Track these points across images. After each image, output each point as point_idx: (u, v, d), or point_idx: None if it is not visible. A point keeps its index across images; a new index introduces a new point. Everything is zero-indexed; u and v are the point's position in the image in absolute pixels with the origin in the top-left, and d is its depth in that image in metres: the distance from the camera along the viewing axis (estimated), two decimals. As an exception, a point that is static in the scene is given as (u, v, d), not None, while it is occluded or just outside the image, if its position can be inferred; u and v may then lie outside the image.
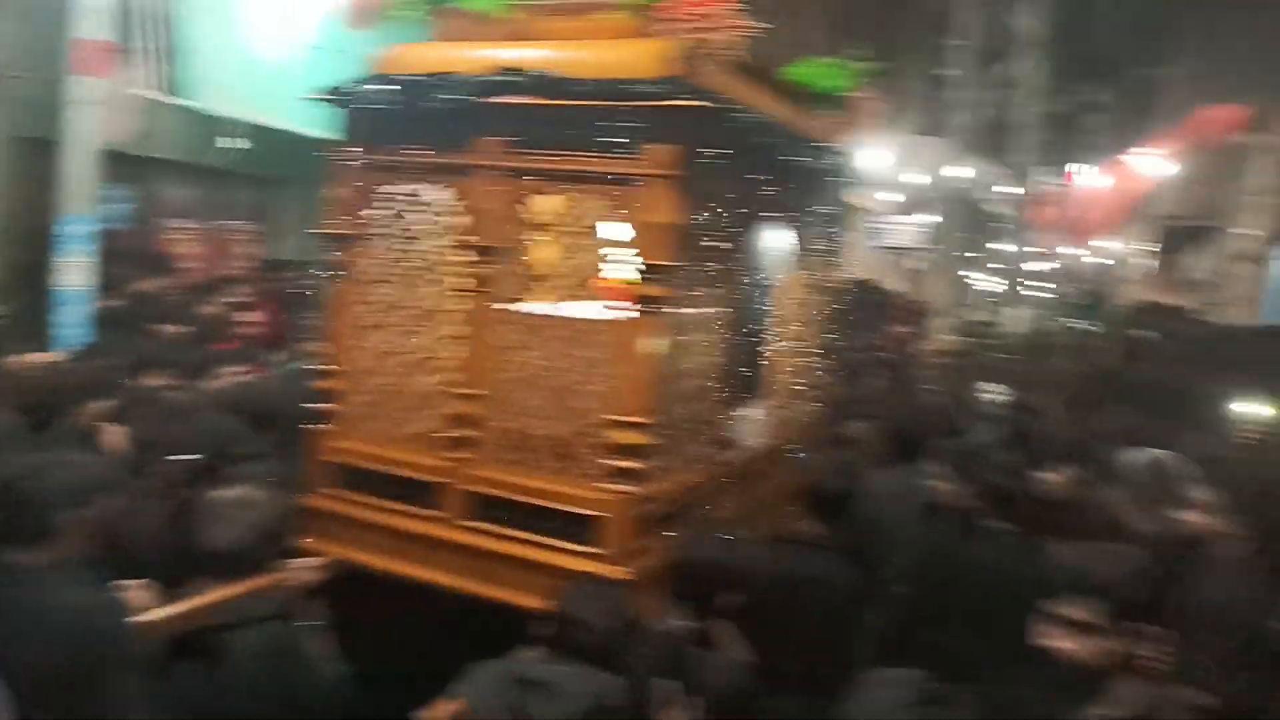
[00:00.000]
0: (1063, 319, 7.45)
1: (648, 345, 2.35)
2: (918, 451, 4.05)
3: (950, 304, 6.29)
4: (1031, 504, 3.52)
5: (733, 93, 2.53)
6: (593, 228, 2.42)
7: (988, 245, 6.91)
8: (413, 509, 2.65)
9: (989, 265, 6.74)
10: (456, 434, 2.59)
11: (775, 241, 3.29)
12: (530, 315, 2.51)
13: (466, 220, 2.52)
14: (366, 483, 2.73)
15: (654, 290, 2.32)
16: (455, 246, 2.56)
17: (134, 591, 2.27)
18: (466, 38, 2.63)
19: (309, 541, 2.75)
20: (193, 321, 5.42)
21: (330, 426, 2.77)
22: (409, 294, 2.67)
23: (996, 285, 6.10)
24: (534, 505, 2.51)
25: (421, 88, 2.46)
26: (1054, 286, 8.70)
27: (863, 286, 18.28)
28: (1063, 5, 6.45)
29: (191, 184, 7.23)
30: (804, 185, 3.01)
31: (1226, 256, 19.21)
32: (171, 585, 2.42)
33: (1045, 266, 9.69)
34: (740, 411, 3.50)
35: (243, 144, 5.86)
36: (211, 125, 6.24)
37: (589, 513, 2.44)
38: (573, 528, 2.46)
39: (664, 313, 2.36)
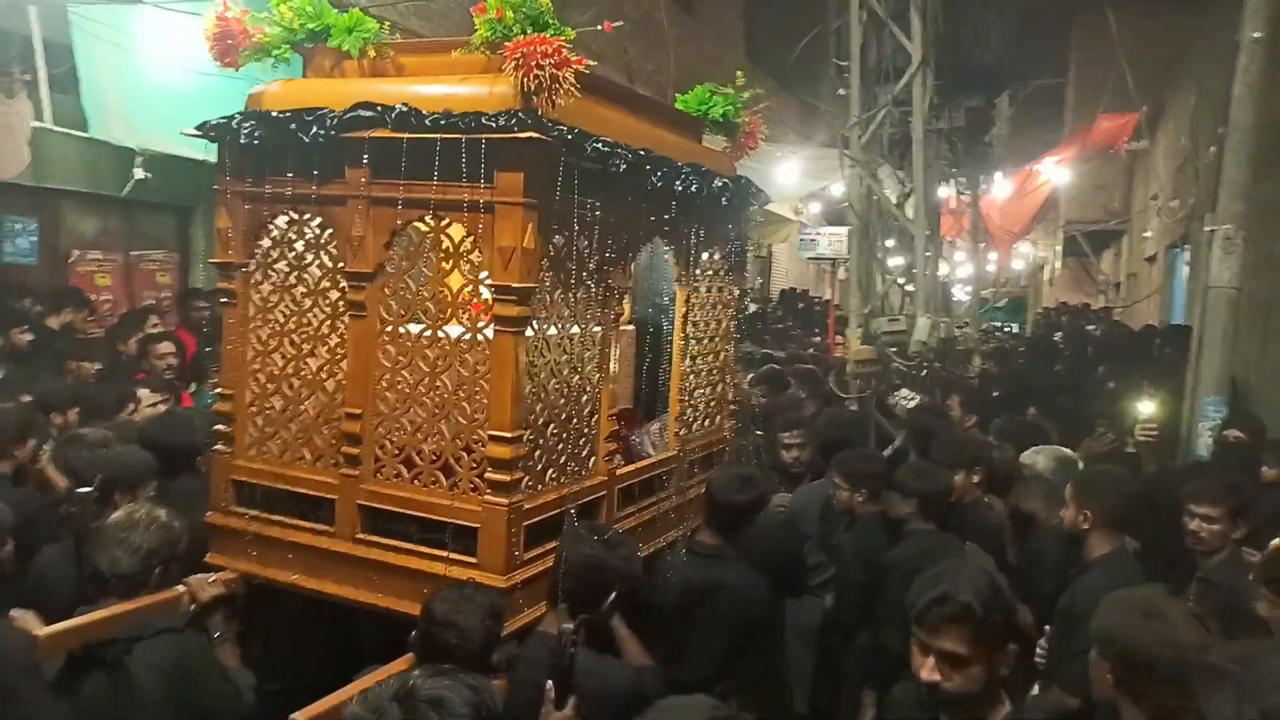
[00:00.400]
0: (976, 323, 7.62)
1: (509, 363, 2.48)
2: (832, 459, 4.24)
3: (864, 312, 6.42)
4: (941, 505, 3.68)
5: (594, 124, 2.67)
6: (460, 252, 2.54)
7: (898, 253, 7.10)
8: (308, 524, 2.79)
9: (900, 274, 6.88)
10: (347, 451, 2.72)
11: (666, 261, 3.45)
12: (405, 336, 2.64)
13: (339, 247, 2.65)
14: (266, 500, 2.86)
15: (509, 310, 2.45)
16: (334, 272, 2.71)
17: (24, 618, 2.40)
18: (336, 75, 2.76)
19: (213, 557, 2.90)
20: (110, 353, 5.47)
21: (230, 448, 2.90)
22: (298, 319, 2.80)
23: (910, 291, 6.24)
24: (419, 518, 2.65)
25: (293, 122, 2.58)
26: (968, 291, 8.99)
27: (786, 296, 18.54)
28: (949, 23, 6.73)
29: (101, 215, 7.15)
30: (689, 206, 3.14)
31: (1132, 259, 19.86)
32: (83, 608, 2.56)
33: (959, 272, 9.97)
34: (648, 424, 3.68)
35: (143, 174, 5.70)
36: (117, 155, 6.05)
37: (468, 524, 2.58)
38: (456, 538, 2.60)
39: (522, 332, 2.49)
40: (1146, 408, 4.81)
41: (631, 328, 3.72)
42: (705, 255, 3.52)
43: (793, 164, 11.95)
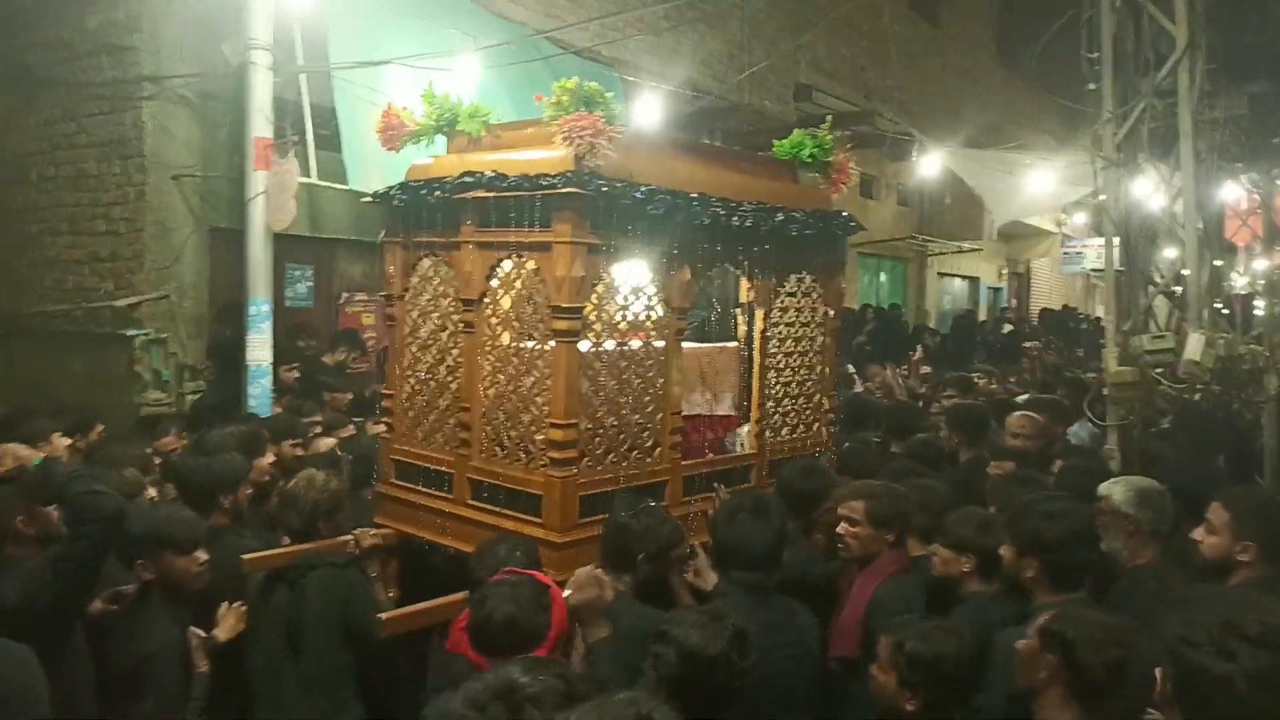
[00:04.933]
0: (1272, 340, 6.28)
1: (564, 367, 3.19)
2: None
3: (1123, 329, 5.65)
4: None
5: (661, 177, 3.36)
6: (541, 280, 3.31)
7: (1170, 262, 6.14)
8: (437, 492, 3.65)
9: (1172, 285, 5.94)
10: (461, 436, 3.56)
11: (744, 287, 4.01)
12: (499, 347, 3.44)
13: (457, 281, 3.52)
14: (412, 474, 3.76)
15: (563, 325, 3.17)
16: (454, 301, 3.57)
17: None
18: (466, 151, 3.65)
19: (378, 518, 3.83)
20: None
21: (390, 435, 3.85)
22: (434, 337, 3.70)
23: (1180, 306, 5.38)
24: (507, 488, 3.42)
25: (426, 188, 3.48)
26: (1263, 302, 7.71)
27: (1048, 315, 17.26)
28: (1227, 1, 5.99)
29: (367, 260, 7.71)
30: (756, 238, 3.71)
31: None
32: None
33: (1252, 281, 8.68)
34: (741, 427, 4.23)
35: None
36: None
37: (538, 492, 3.30)
38: (531, 504, 3.33)
39: (575, 342, 3.20)
40: None
41: (735, 345, 4.31)
42: (791, 278, 4.04)
43: (1047, 172, 11.52)
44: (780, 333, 4.03)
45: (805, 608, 3.10)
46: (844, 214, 4.22)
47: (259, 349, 5.99)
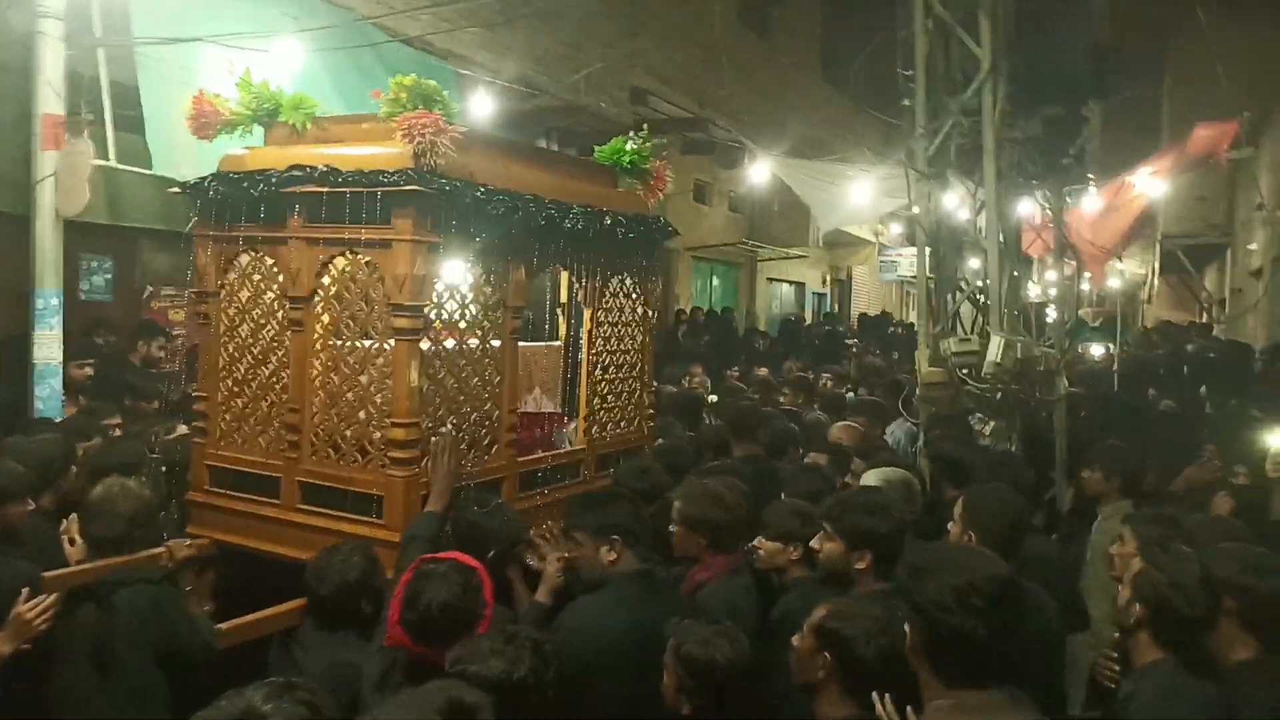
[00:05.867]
0: (1062, 344, 6.71)
1: (406, 365, 3.16)
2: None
3: (933, 332, 6.09)
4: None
5: (499, 178, 3.37)
6: (374, 278, 3.25)
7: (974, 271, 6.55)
8: (262, 497, 3.49)
9: (974, 293, 6.31)
10: (289, 439, 3.43)
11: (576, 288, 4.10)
12: (329, 346, 3.34)
13: (283, 278, 3.38)
14: (231, 480, 3.57)
15: (404, 323, 3.14)
16: (279, 298, 3.43)
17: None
18: (287, 142, 3.51)
19: (193, 528, 3.61)
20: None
21: (203, 439, 3.64)
22: (255, 336, 3.53)
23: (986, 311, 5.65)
24: (343, 490, 3.33)
25: (245, 181, 3.32)
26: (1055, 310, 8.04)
27: (865, 320, 18.69)
28: (1028, 30, 6.41)
29: (174, 251, 6.89)
30: (585, 240, 3.80)
31: (1236, 273, 18.71)
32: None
33: (1052, 292, 9.34)
34: (569, 424, 4.32)
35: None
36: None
37: (377, 493, 3.25)
38: (370, 505, 3.27)
39: (417, 341, 3.17)
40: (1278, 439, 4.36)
41: (559, 344, 4.39)
42: (615, 280, 4.17)
43: (866, 183, 12.04)
44: (605, 332, 4.15)
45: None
46: (661, 219, 4.40)
47: (47, 346, 5.52)
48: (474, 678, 2.15)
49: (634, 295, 4.32)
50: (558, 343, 4.41)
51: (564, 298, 4.53)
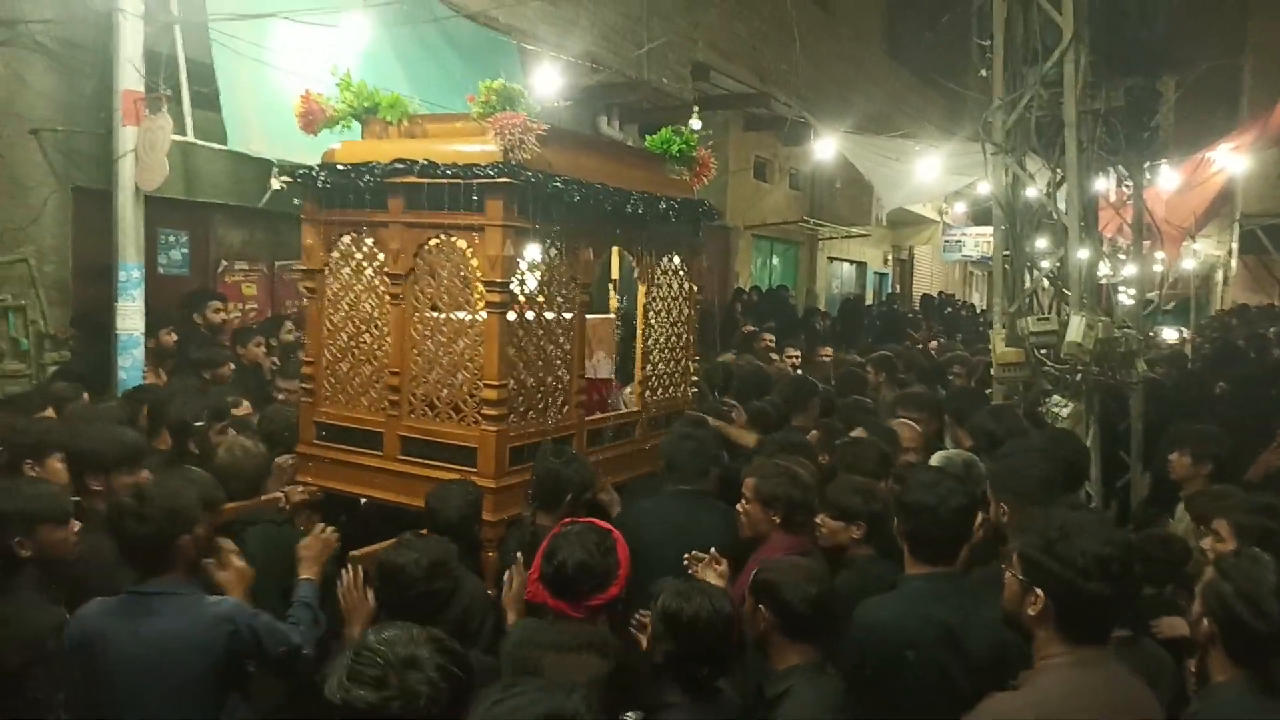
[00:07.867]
0: (1142, 326, 6.58)
1: (495, 334, 3.63)
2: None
3: (1009, 311, 5.93)
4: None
5: (571, 168, 3.81)
6: (466, 258, 3.71)
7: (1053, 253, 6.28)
8: (365, 450, 3.99)
9: (1050, 270, 6.11)
10: (390, 398, 3.92)
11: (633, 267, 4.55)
12: (428, 318, 3.82)
13: (383, 257, 3.85)
14: (336, 434, 4.07)
15: (495, 297, 3.60)
16: (379, 274, 3.90)
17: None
18: (383, 137, 3.96)
19: (302, 476, 4.12)
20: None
21: (312, 399, 4.13)
22: (357, 308, 4.01)
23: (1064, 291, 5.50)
24: (440, 443, 3.82)
25: (355, 171, 3.78)
26: (1132, 295, 7.77)
27: (927, 301, 18.35)
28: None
29: (247, 226, 7.49)
30: (640, 223, 4.24)
31: None
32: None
33: (1123, 273, 8.71)
34: (624, 389, 4.80)
35: (279, 184, 5.67)
36: (260, 167, 6.24)
37: (471, 445, 3.74)
38: (464, 456, 3.76)
39: (505, 313, 3.64)
40: None
41: (612, 316, 4.85)
42: (665, 259, 4.61)
43: (933, 160, 11.63)
44: (657, 306, 4.61)
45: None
46: (706, 203, 4.83)
47: (129, 317, 5.82)
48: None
49: (682, 272, 4.76)
50: (610, 315, 4.87)
51: (614, 274, 5.00)
